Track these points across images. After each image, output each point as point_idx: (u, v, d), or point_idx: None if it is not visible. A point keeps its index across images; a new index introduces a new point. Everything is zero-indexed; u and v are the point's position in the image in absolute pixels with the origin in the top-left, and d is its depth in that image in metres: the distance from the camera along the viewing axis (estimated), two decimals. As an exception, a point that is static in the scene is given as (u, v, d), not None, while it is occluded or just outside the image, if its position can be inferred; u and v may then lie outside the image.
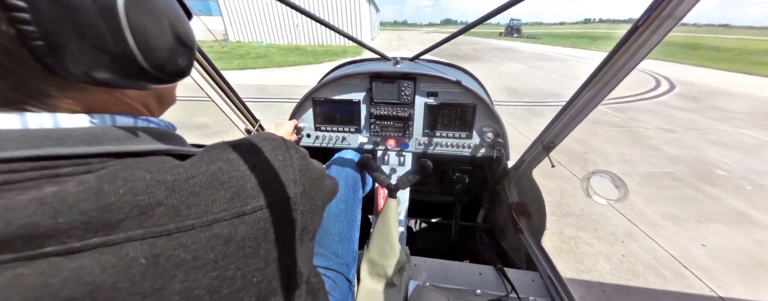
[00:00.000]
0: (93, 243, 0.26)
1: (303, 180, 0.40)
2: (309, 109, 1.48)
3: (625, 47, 0.75)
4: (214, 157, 0.35)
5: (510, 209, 1.42)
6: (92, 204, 0.26)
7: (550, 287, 1.10)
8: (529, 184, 1.31)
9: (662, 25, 0.67)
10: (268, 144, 0.40)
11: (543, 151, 1.16)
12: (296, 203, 0.39)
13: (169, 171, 0.31)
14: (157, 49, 0.33)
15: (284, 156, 0.40)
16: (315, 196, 0.42)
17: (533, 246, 1.26)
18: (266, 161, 0.38)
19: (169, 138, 0.39)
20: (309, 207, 0.41)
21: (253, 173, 0.36)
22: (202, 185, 0.31)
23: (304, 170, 0.41)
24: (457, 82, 1.32)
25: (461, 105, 1.38)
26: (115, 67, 0.30)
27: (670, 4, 0.63)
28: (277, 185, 0.37)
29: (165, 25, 0.33)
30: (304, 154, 0.44)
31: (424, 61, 1.65)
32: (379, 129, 1.48)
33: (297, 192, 0.39)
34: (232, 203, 0.33)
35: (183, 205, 0.30)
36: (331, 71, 1.72)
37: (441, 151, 1.48)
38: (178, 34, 0.36)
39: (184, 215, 0.30)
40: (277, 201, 0.36)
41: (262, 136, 0.42)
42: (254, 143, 0.39)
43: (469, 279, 1.14)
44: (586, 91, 0.91)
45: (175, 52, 0.35)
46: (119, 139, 0.32)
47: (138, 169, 0.30)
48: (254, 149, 0.38)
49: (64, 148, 0.28)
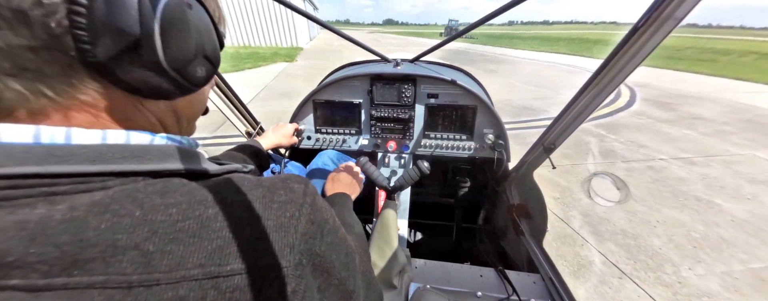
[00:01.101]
0: (55, 284, 0.23)
1: (302, 248, 0.32)
2: (309, 111, 1.48)
3: (625, 49, 0.75)
4: (219, 198, 0.31)
5: (511, 210, 1.42)
6: (70, 237, 0.24)
7: (551, 289, 1.09)
8: (530, 185, 1.31)
9: (662, 26, 0.67)
10: (284, 194, 0.34)
11: (543, 152, 1.15)
12: (288, 276, 0.30)
13: (163, 210, 0.28)
14: (181, 54, 0.33)
15: (293, 213, 0.33)
16: (310, 278, 0.33)
17: (534, 248, 1.25)
18: (270, 215, 0.32)
19: (187, 156, 0.36)
20: (305, 287, 0.32)
21: (250, 227, 0.30)
22: (188, 231, 0.28)
23: (308, 236, 0.33)
24: (452, 81, 1.32)
25: (462, 107, 1.38)
26: (135, 61, 0.30)
27: (671, 5, 0.63)
28: (268, 248, 0.30)
29: (193, 35, 0.34)
30: (319, 219, 0.36)
31: (424, 62, 1.65)
32: (379, 131, 1.48)
33: (291, 262, 0.31)
34: (210, 258, 0.28)
35: (158, 252, 0.26)
36: (331, 73, 1.73)
37: (442, 152, 1.48)
38: (203, 44, 0.36)
39: (154, 266, 0.26)
40: (261, 268, 0.29)
41: (285, 182, 0.36)
42: (270, 188, 0.34)
43: (470, 281, 1.14)
44: (587, 92, 0.90)
45: (197, 62, 0.36)
46: (126, 157, 0.30)
47: (133, 201, 0.27)
48: (266, 197, 0.33)
49: (65, 166, 0.27)
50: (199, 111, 0.47)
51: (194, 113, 0.46)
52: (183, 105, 0.42)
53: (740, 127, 5.43)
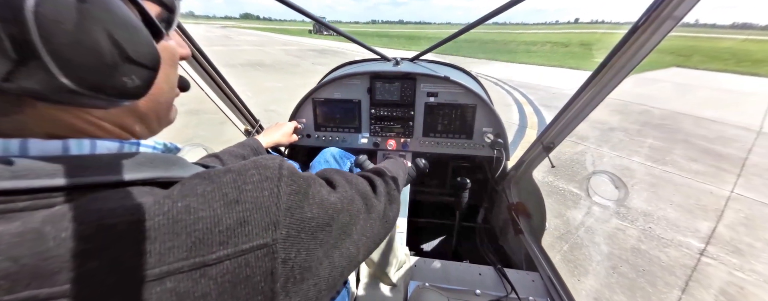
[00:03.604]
0: (21, 298, 0.22)
1: (289, 222, 0.32)
2: (309, 109, 1.48)
3: (625, 48, 0.75)
4: (186, 190, 0.30)
5: (510, 209, 1.42)
6: (26, 249, 0.23)
7: (550, 287, 1.10)
8: (529, 184, 1.31)
9: (662, 25, 0.67)
10: (259, 173, 0.33)
11: (543, 151, 1.16)
12: (276, 251, 0.31)
13: (121, 213, 0.26)
14: (84, 63, 0.27)
15: (271, 190, 0.33)
16: (307, 240, 0.34)
17: (533, 246, 1.25)
18: (248, 196, 0.31)
19: (162, 163, 0.34)
20: (296, 253, 0.32)
21: (228, 213, 0.29)
22: (158, 228, 0.26)
23: (293, 208, 0.33)
24: (445, 78, 1.32)
25: (461, 105, 1.38)
26: (32, 79, 0.25)
27: (670, 4, 0.63)
28: (253, 228, 0.30)
29: (99, 36, 0.27)
30: (301, 188, 0.35)
31: (424, 61, 1.65)
32: (379, 129, 1.48)
33: (278, 237, 0.31)
34: (193, 251, 0.27)
35: (128, 254, 0.25)
36: (331, 71, 1.72)
37: (441, 151, 1.48)
38: (123, 48, 0.28)
39: (128, 268, 0.25)
40: (249, 249, 0.29)
41: (259, 162, 0.35)
42: (241, 172, 0.33)
43: (469, 279, 1.14)
44: (586, 92, 0.91)
45: (122, 70, 0.29)
46: (89, 169, 0.28)
47: (90, 209, 0.26)
48: (239, 180, 0.32)
49: (21, 182, 0.25)
50: (165, 102, 0.40)
51: (160, 105, 0.39)
52: (138, 105, 0.35)
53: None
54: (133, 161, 0.32)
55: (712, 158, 4.11)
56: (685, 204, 2.99)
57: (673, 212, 2.87)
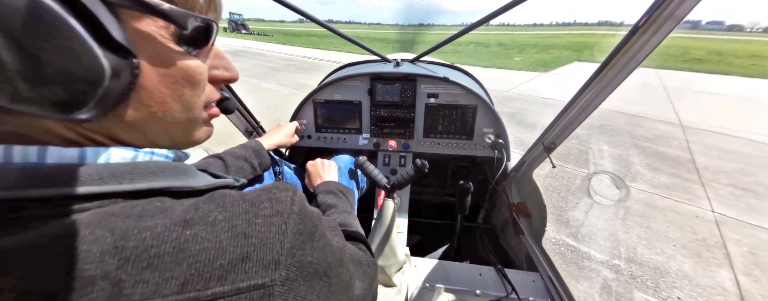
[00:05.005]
0: None
1: (290, 263, 0.31)
2: (310, 110, 1.48)
3: (626, 48, 0.74)
4: (198, 217, 0.29)
5: (510, 209, 1.42)
6: (28, 268, 0.23)
7: (550, 287, 1.10)
8: (530, 185, 1.31)
9: (662, 26, 0.67)
10: (269, 207, 0.33)
11: (544, 152, 1.16)
12: (272, 294, 0.30)
13: (135, 236, 0.26)
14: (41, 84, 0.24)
15: (279, 227, 0.32)
16: (303, 287, 0.32)
17: (534, 247, 1.25)
18: (254, 231, 0.30)
19: (173, 173, 0.34)
20: (295, 296, 0.31)
21: (232, 246, 0.29)
22: (163, 256, 0.26)
23: (295, 249, 0.32)
24: (444, 78, 1.32)
25: (462, 106, 1.38)
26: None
27: (671, 5, 0.62)
28: (254, 266, 0.29)
29: (11, 47, 0.22)
30: (308, 229, 0.35)
31: (424, 62, 1.65)
32: (380, 130, 1.48)
33: (277, 278, 0.30)
34: (189, 284, 0.26)
35: (130, 281, 0.25)
36: (331, 73, 1.72)
37: (442, 151, 1.48)
38: (35, 56, 0.23)
39: (127, 296, 0.24)
40: (246, 288, 0.28)
41: (272, 193, 0.34)
42: (254, 203, 0.32)
43: (469, 280, 1.14)
44: (587, 92, 0.90)
45: (36, 80, 0.24)
46: (103, 178, 0.28)
47: (105, 226, 0.26)
48: (251, 212, 0.31)
49: (36, 191, 0.25)
50: (182, 119, 0.36)
51: (171, 125, 0.35)
52: (127, 114, 0.31)
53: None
54: (146, 170, 0.31)
55: (668, 164, 3.95)
56: (687, 242, 2.55)
57: (682, 258, 2.38)
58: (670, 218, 2.88)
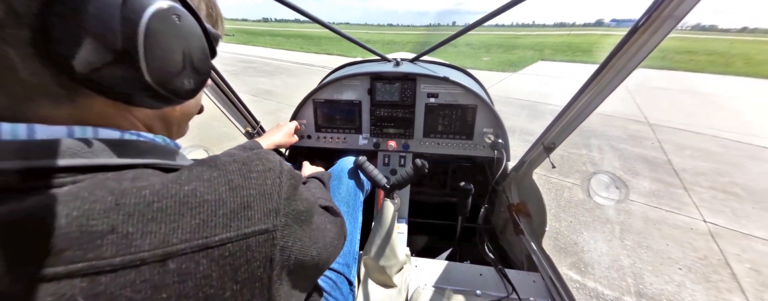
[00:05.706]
0: (34, 278, 0.23)
1: (288, 211, 0.35)
2: (309, 110, 1.48)
3: (625, 48, 0.75)
4: (193, 175, 0.32)
5: (510, 209, 1.42)
6: (37, 228, 0.24)
7: (551, 288, 1.10)
8: (530, 185, 1.31)
9: (662, 25, 0.67)
10: (261, 164, 0.36)
11: (543, 152, 1.16)
12: (275, 237, 0.33)
13: (135, 193, 0.27)
14: (166, 68, 0.31)
15: (274, 181, 0.35)
16: (299, 231, 0.37)
17: (534, 247, 1.25)
18: (251, 184, 0.33)
19: (163, 153, 0.36)
20: (292, 242, 0.35)
21: (232, 198, 0.31)
22: (166, 209, 0.28)
23: (290, 199, 0.36)
24: (444, 78, 1.32)
25: (462, 106, 1.38)
26: (117, 74, 0.29)
27: (671, 4, 0.63)
28: (256, 214, 0.32)
29: (182, 47, 0.33)
30: (297, 183, 0.39)
31: (424, 62, 1.65)
32: (379, 130, 1.48)
33: (278, 224, 0.34)
34: (196, 232, 0.28)
35: (138, 233, 0.26)
36: (331, 72, 1.72)
37: (442, 151, 1.48)
38: (193, 57, 0.34)
39: (137, 246, 0.26)
40: (251, 233, 0.31)
41: (259, 154, 0.38)
42: (246, 162, 0.36)
43: (469, 280, 1.14)
44: (587, 92, 0.90)
45: (185, 74, 0.34)
46: (95, 152, 0.29)
47: (103, 188, 0.27)
48: (244, 169, 0.34)
49: (29, 162, 0.26)
50: (190, 114, 0.47)
51: (185, 117, 0.46)
52: (172, 111, 0.42)
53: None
54: (135, 148, 0.33)
55: (648, 167, 3.80)
56: (689, 262, 2.34)
57: (693, 285, 2.13)
58: (666, 233, 2.67)
